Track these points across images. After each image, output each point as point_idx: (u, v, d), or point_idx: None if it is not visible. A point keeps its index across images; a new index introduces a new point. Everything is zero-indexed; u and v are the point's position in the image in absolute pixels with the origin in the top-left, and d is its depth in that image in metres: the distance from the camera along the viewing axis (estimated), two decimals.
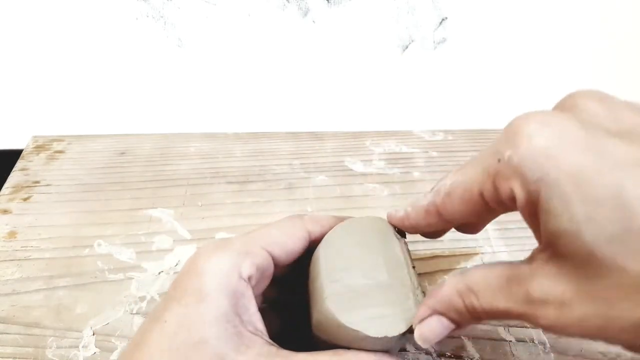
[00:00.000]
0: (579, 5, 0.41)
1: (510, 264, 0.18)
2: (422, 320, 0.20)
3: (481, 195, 0.18)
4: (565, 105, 0.18)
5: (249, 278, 0.21)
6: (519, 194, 0.16)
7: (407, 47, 0.44)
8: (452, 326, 0.20)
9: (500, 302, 0.18)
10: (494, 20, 0.42)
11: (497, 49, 0.44)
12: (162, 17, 0.41)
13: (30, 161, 0.42)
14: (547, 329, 0.17)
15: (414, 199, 0.23)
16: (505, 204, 0.18)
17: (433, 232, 0.24)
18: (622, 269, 0.14)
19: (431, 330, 0.20)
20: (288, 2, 0.40)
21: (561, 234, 0.15)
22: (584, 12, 0.42)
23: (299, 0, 0.40)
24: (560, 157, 0.15)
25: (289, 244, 0.23)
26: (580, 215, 0.14)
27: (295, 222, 0.24)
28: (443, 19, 0.42)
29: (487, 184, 0.18)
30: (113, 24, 0.41)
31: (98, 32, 0.42)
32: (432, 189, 0.21)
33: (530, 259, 0.17)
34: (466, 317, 0.19)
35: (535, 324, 0.17)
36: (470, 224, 0.24)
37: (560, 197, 0.15)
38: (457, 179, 0.19)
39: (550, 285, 0.16)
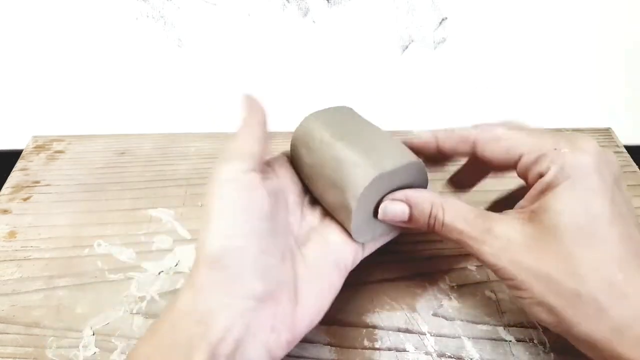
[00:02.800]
0: (579, 5, 0.41)
1: (480, 209, 0.24)
2: (394, 199, 0.25)
3: (520, 156, 0.24)
4: (605, 150, 0.23)
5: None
6: (549, 176, 0.22)
7: (407, 47, 0.44)
8: (406, 218, 0.25)
9: (460, 224, 0.24)
10: (494, 20, 0.42)
11: (497, 49, 0.44)
12: (162, 17, 0.41)
13: (30, 161, 0.42)
14: (483, 258, 0.23)
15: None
16: (523, 173, 0.24)
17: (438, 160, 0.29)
18: (579, 258, 0.21)
19: (393, 210, 0.25)
20: (288, 2, 0.40)
21: (550, 213, 0.22)
22: (584, 11, 0.42)
23: (299, 0, 0.40)
24: (590, 180, 0.22)
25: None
26: (580, 216, 0.21)
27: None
28: (443, 19, 0.42)
29: (532, 154, 0.23)
30: (113, 24, 0.41)
31: (98, 32, 0.42)
32: (475, 125, 0.26)
33: (504, 213, 0.24)
34: (423, 220, 0.25)
35: (477, 249, 0.23)
36: (471, 179, 0.31)
37: (575, 200, 0.21)
38: (511, 135, 0.24)
39: (513, 231, 0.23)
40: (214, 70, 0.45)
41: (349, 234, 0.26)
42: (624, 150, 0.43)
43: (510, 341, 0.29)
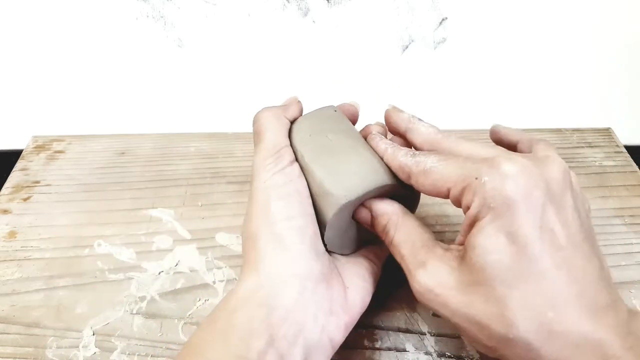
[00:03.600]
0: (579, 4, 0.41)
1: (431, 239, 0.23)
2: (362, 206, 0.26)
3: (447, 191, 0.22)
4: (545, 163, 0.21)
5: None
6: (474, 209, 0.21)
7: (407, 47, 0.44)
8: (369, 224, 0.26)
9: (404, 248, 0.23)
10: (494, 20, 0.42)
11: (497, 49, 0.44)
12: (162, 17, 0.41)
13: (30, 161, 0.42)
14: (411, 282, 0.23)
15: (397, 142, 0.27)
16: (458, 205, 0.22)
17: None
18: (498, 298, 0.19)
19: (359, 214, 0.26)
20: (288, 2, 0.40)
21: (476, 251, 0.20)
22: (584, 11, 0.42)
23: (299, 0, 0.40)
24: (515, 213, 0.19)
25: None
26: (504, 253, 0.20)
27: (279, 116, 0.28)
28: (443, 19, 0.42)
29: (457, 187, 0.22)
30: (113, 24, 0.41)
31: (98, 32, 0.42)
32: (414, 154, 0.24)
33: (447, 249, 0.23)
34: (379, 231, 0.25)
35: (410, 283, 0.23)
36: None
37: (497, 235, 0.20)
38: (438, 167, 0.23)
39: (444, 272, 0.21)
40: (214, 70, 0.45)
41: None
42: (624, 150, 0.43)
43: None
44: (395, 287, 0.32)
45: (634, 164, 0.42)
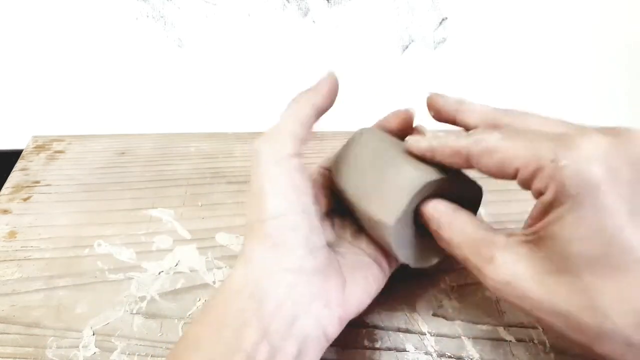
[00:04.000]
0: (579, 4, 0.41)
1: (489, 230, 0.22)
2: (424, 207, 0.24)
3: (516, 171, 0.20)
4: (629, 140, 0.19)
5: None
6: (549, 194, 0.19)
7: (407, 47, 0.44)
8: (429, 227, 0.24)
9: (466, 250, 0.22)
10: (493, 20, 0.42)
11: (497, 49, 0.44)
12: (162, 17, 0.41)
13: (30, 161, 0.42)
14: (484, 280, 0.21)
15: (439, 132, 0.24)
16: (527, 187, 0.20)
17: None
18: (587, 284, 0.18)
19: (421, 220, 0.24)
20: (288, 2, 0.40)
21: (557, 242, 0.19)
22: (584, 11, 0.42)
23: (299, 0, 0.40)
24: (603, 199, 0.17)
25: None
26: (591, 243, 0.18)
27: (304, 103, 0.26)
28: (443, 19, 0.42)
29: (528, 168, 0.19)
30: (113, 24, 0.41)
31: (98, 32, 0.42)
32: (470, 133, 0.22)
33: (511, 236, 0.21)
34: (434, 236, 0.24)
35: (482, 280, 0.21)
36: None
37: (583, 224, 0.18)
38: (504, 145, 0.20)
39: (518, 263, 0.20)
40: (214, 70, 0.45)
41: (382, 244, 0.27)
42: None
43: (510, 341, 0.29)
44: (395, 287, 0.32)
45: None
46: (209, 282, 0.32)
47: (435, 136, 0.24)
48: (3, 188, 0.39)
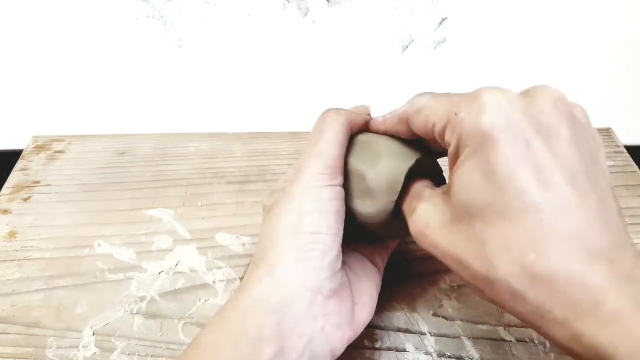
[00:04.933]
0: (579, 4, 0.41)
1: (424, 185, 0.23)
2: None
3: (433, 127, 0.21)
4: (533, 95, 0.20)
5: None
6: (452, 146, 0.20)
7: (407, 47, 0.44)
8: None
9: (404, 205, 0.23)
10: (494, 20, 0.42)
11: (497, 49, 0.44)
12: (162, 17, 0.41)
13: (30, 161, 0.42)
14: (410, 231, 0.22)
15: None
16: (444, 143, 0.21)
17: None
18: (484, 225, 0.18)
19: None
20: (288, 2, 0.40)
21: (454, 188, 0.19)
22: (584, 11, 0.42)
23: (299, 0, 0.40)
24: (493, 147, 0.18)
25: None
26: (482, 191, 0.18)
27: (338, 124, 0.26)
28: (443, 19, 0.42)
29: (440, 123, 0.21)
30: (113, 24, 0.41)
31: (98, 32, 0.42)
32: (411, 99, 0.24)
33: (435, 190, 0.22)
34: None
35: (409, 228, 0.22)
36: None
37: (475, 172, 0.18)
38: (427, 103, 0.22)
39: (432, 212, 0.21)
40: (214, 70, 0.45)
41: (374, 242, 0.28)
42: (624, 150, 0.43)
43: (510, 341, 0.29)
44: (395, 287, 0.32)
45: (634, 164, 0.42)
46: (209, 282, 0.32)
47: (390, 111, 0.25)
48: (3, 188, 0.39)
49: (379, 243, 0.29)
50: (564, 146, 0.18)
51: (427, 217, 0.21)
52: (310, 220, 0.23)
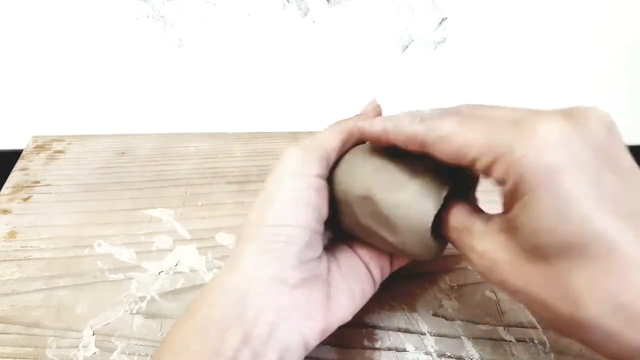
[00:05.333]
0: (579, 4, 0.41)
1: (470, 216, 0.22)
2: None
3: (473, 160, 0.19)
4: (587, 123, 0.18)
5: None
6: (509, 185, 0.18)
7: (407, 47, 0.44)
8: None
9: (451, 232, 0.22)
10: (494, 20, 0.42)
11: (497, 49, 0.44)
12: (162, 17, 0.41)
13: (30, 161, 0.42)
14: (475, 269, 0.21)
15: (394, 114, 0.24)
16: (487, 175, 0.20)
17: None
18: (554, 265, 0.17)
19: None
20: (288, 2, 0.40)
21: (525, 232, 0.18)
22: (584, 11, 0.42)
23: (299, 0, 0.40)
24: (563, 185, 0.17)
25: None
26: (558, 231, 0.17)
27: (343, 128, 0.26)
28: (443, 19, 0.42)
29: (486, 157, 0.19)
30: (113, 24, 0.41)
31: (98, 32, 0.42)
32: (423, 118, 0.22)
33: (489, 223, 0.21)
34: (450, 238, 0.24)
35: (466, 258, 0.22)
36: None
37: (546, 214, 0.17)
38: (460, 133, 0.20)
39: (497, 250, 0.20)
40: (214, 70, 0.45)
41: (377, 251, 0.27)
42: None
43: (510, 341, 0.29)
44: (395, 287, 0.32)
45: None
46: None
47: (388, 118, 0.24)
48: (3, 188, 0.39)
49: (384, 255, 0.27)
50: (630, 174, 0.17)
51: (492, 256, 0.20)
52: (274, 212, 0.23)
